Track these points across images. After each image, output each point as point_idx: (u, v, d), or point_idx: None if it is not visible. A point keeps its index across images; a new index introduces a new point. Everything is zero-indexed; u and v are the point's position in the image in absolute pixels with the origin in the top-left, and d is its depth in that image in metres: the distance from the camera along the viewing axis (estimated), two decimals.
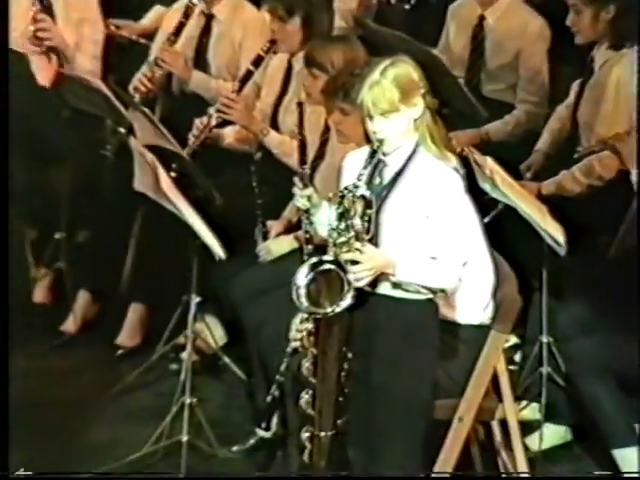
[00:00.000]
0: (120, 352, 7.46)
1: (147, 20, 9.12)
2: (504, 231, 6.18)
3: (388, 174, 5.46)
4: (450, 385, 5.63)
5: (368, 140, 5.69)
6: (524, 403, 6.55)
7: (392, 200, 5.44)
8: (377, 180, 5.44)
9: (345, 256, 5.20)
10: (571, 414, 6.51)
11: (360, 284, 5.18)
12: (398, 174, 5.47)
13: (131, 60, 8.74)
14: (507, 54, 8.02)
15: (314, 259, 5.25)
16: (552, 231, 6.05)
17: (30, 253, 8.29)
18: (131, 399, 7.13)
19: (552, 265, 6.42)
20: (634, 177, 6.72)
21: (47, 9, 8.36)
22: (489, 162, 6.02)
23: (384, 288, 5.35)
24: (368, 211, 5.32)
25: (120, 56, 8.84)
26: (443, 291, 5.41)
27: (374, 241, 5.34)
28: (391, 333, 5.32)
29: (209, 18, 8.36)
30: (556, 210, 6.22)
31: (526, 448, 6.13)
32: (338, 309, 5.18)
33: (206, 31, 8.41)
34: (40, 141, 8.15)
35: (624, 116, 7.09)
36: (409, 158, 5.48)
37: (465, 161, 6.00)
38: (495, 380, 5.82)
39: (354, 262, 5.18)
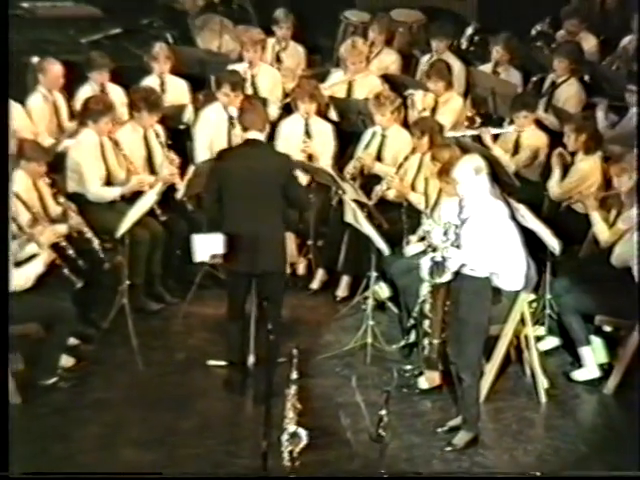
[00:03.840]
0: (338, 299, 8.00)
1: None
2: (529, 235, 6.67)
3: (467, 209, 6.13)
4: (497, 317, 6.57)
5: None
6: (537, 327, 7.26)
7: (468, 223, 6.11)
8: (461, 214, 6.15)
9: (446, 254, 6.06)
10: (559, 331, 7.32)
11: (453, 269, 6.07)
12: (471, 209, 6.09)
13: None
14: None
15: (432, 255, 6.12)
16: (550, 238, 6.93)
17: None
18: (346, 320, 7.71)
19: (552, 256, 7.10)
20: None
21: None
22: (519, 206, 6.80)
23: (464, 270, 6.11)
24: (457, 230, 6.09)
25: None
26: (493, 273, 6.17)
27: (458, 245, 6.08)
28: (468, 292, 6.15)
29: None
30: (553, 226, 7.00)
31: (537, 349, 6.97)
32: (442, 280, 6.13)
33: None
34: None
35: None
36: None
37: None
38: (521, 315, 6.77)
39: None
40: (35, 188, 7.30)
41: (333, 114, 8.74)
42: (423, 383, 6.96)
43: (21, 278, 6.59)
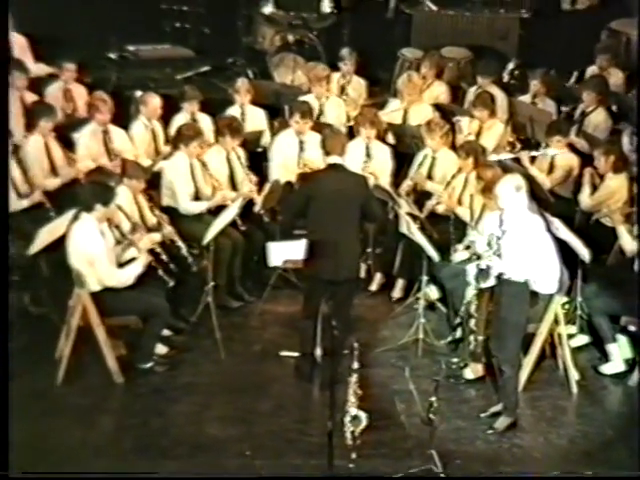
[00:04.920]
0: (394, 300, 7.91)
1: None
2: (562, 245, 6.57)
3: (508, 222, 6.11)
4: (534, 317, 6.56)
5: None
6: (569, 326, 7.20)
7: (509, 234, 6.10)
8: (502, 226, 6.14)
9: (489, 261, 6.12)
10: (588, 330, 7.27)
11: (495, 274, 6.12)
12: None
13: None
14: None
15: (477, 262, 6.19)
16: (581, 248, 6.85)
17: None
18: (400, 318, 7.61)
19: (583, 264, 7.03)
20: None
21: None
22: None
23: (505, 276, 6.13)
24: (498, 240, 6.11)
25: None
26: (531, 279, 6.12)
27: (500, 254, 6.09)
28: (509, 295, 6.15)
29: None
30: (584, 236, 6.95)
31: (569, 346, 6.91)
32: (486, 285, 6.19)
33: None
34: None
35: None
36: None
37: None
38: (555, 316, 6.73)
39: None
40: (135, 201, 7.40)
41: (390, 138, 8.70)
42: (468, 374, 6.93)
43: (123, 277, 6.70)
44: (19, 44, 9.36)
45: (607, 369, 7.10)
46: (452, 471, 5.92)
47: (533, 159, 8.26)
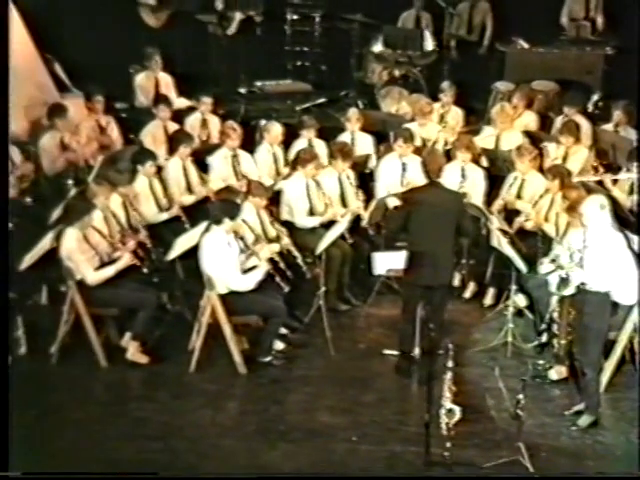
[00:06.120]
0: (485, 306, 7.66)
1: None
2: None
3: (591, 238, 5.92)
4: (615, 325, 6.38)
5: None
6: None
7: (592, 249, 5.92)
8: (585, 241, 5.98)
9: (571, 273, 5.97)
10: None
11: (576, 284, 5.97)
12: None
13: None
14: None
15: (560, 273, 6.04)
16: None
17: None
18: (491, 323, 7.47)
19: None
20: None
21: None
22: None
23: (588, 287, 5.96)
24: (581, 254, 5.97)
25: None
26: (612, 290, 5.93)
27: (582, 267, 5.94)
28: (592, 304, 5.98)
29: None
30: None
31: None
32: (568, 293, 6.03)
33: None
34: None
35: None
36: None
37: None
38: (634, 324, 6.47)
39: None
40: (258, 216, 7.40)
41: (484, 161, 8.49)
42: (553, 375, 6.74)
43: (246, 282, 6.70)
44: (165, 82, 9.53)
45: None
46: (538, 463, 5.74)
47: (615, 182, 8.01)
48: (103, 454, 5.68)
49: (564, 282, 5.95)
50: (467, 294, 7.95)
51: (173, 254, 6.94)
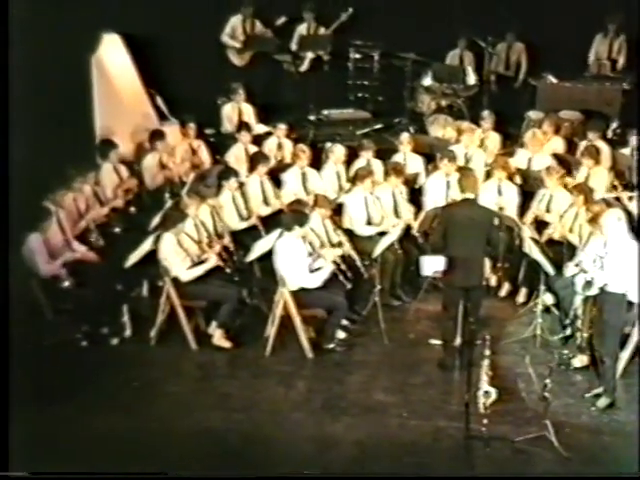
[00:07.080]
0: (518, 304, 7.51)
1: None
2: None
3: (610, 246, 5.89)
4: (629, 321, 6.29)
5: None
6: None
7: (611, 255, 5.91)
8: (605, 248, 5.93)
9: (593, 276, 5.98)
10: None
11: (598, 286, 5.96)
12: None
13: None
14: None
15: (583, 276, 6.04)
16: None
17: None
18: (523, 318, 7.29)
19: None
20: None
21: None
22: None
23: (607, 288, 5.97)
24: (602, 260, 5.94)
25: None
26: (628, 290, 5.92)
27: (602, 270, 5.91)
28: (610, 303, 5.99)
29: None
30: None
31: None
32: (590, 294, 6.10)
33: None
34: None
35: None
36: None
37: None
38: None
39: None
40: (323, 225, 7.38)
41: (518, 179, 8.37)
42: (576, 363, 6.67)
43: (313, 280, 6.74)
44: (247, 111, 9.63)
45: None
46: (562, 438, 5.72)
47: (630, 198, 7.89)
48: (194, 422, 5.75)
49: (588, 284, 5.93)
50: (502, 293, 7.85)
51: (252, 256, 7.05)
